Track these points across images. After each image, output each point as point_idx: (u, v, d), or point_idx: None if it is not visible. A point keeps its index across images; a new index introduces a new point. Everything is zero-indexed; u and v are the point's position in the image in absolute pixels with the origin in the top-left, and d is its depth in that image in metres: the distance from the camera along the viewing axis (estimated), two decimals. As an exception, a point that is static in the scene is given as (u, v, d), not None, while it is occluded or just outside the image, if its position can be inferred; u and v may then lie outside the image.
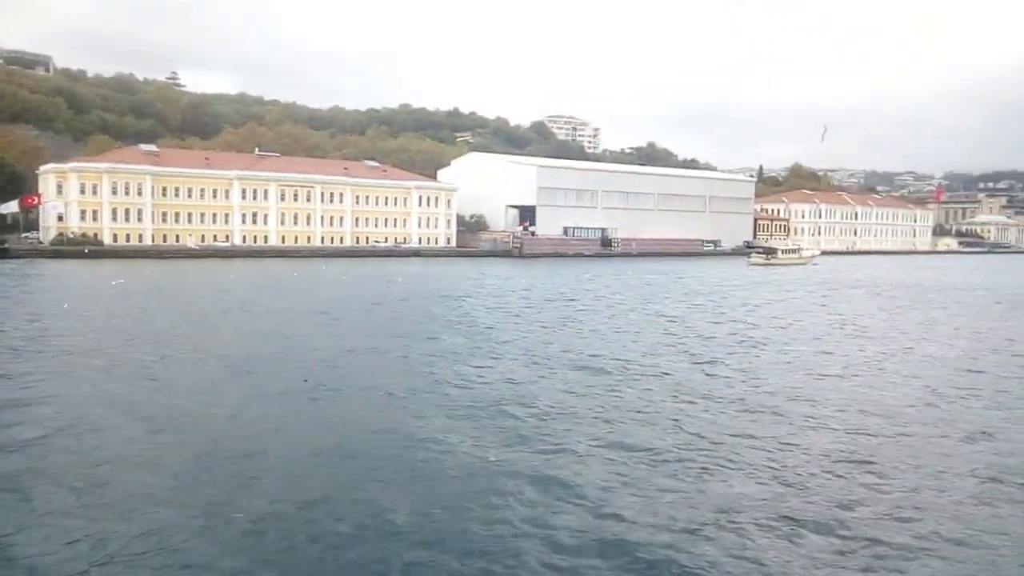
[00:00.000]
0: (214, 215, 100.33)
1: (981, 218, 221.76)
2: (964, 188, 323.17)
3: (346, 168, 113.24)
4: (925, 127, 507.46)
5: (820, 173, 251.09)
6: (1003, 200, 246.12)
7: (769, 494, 12.13)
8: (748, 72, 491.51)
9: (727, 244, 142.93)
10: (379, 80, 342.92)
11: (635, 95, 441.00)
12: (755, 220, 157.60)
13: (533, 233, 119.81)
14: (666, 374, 22.25)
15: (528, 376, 21.45)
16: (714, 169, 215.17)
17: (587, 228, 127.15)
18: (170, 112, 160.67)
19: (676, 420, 16.66)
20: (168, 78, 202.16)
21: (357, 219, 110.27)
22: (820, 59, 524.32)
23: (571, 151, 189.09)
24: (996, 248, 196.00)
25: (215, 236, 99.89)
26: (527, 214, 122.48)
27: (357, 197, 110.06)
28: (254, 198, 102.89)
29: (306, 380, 19.83)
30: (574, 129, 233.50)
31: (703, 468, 13.37)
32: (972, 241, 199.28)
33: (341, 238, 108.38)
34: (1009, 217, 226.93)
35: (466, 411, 17.16)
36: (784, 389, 20.36)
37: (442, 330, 31.63)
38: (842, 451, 14.54)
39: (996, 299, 53.40)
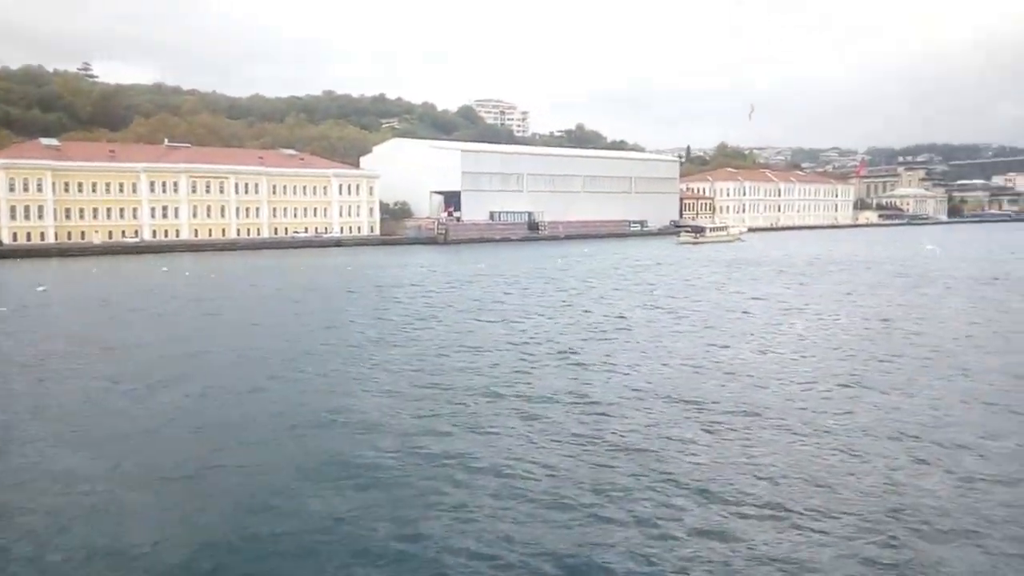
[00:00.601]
0: (121, 210, 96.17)
1: (900, 191, 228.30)
2: (886, 162, 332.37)
3: (261, 157, 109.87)
4: (849, 105, 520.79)
5: (747, 152, 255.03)
6: (921, 173, 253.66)
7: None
8: (680, 55, 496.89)
9: (654, 224, 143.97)
10: (306, 68, 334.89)
11: (566, 77, 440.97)
12: (681, 199, 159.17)
13: (458, 219, 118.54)
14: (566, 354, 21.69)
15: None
16: (643, 150, 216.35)
17: (513, 212, 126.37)
18: (80, 104, 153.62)
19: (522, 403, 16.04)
20: (80, 69, 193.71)
21: (274, 209, 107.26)
22: (749, 42, 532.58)
23: (499, 135, 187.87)
24: (914, 220, 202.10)
25: (123, 232, 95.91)
26: (452, 200, 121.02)
27: (273, 187, 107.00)
28: (163, 191, 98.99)
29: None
30: (502, 113, 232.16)
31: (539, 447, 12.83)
32: (892, 214, 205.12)
33: (258, 229, 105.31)
34: (927, 189, 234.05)
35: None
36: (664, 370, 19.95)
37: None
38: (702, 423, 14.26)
39: (897, 273, 54.51)
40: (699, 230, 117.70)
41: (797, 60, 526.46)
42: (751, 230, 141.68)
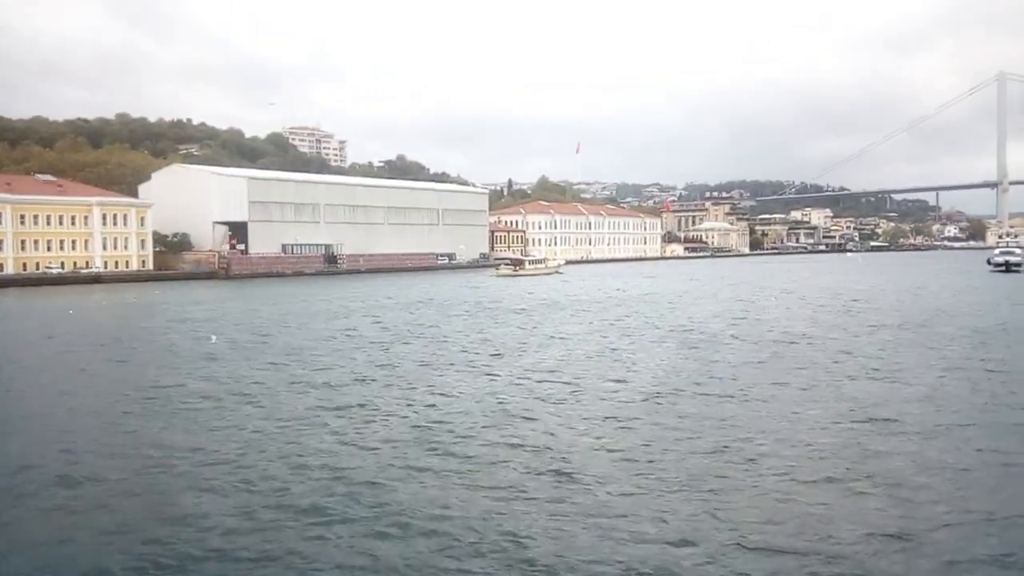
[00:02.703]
0: None
1: (706, 225, 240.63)
2: (701, 197, 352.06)
3: (9, 184, 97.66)
4: (674, 142, 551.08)
5: (568, 185, 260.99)
6: (727, 208, 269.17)
7: None
8: (516, 87, 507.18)
9: (463, 257, 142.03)
10: (108, 89, 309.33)
11: (392, 106, 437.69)
12: (492, 232, 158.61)
13: (243, 251, 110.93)
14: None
15: None
16: (467, 183, 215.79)
17: (310, 245, 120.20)
18: None
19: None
20: None
21: (23, 242, 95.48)
22: (586, 75, 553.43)
23: (311, 165, 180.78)
24: (718, 252, 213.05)
25: None
26: (240, 231, 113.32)
27: (22, 216, 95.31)
28: None
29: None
30: (318, 142, 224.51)
31: None
32: (697, 247, 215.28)
33: (1, 265, 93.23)
34: (731, 223, 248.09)
35: None
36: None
37: None
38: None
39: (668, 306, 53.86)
40: (518, 262, 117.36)
41: (629, 96, 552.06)
42: (570, 262, 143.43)
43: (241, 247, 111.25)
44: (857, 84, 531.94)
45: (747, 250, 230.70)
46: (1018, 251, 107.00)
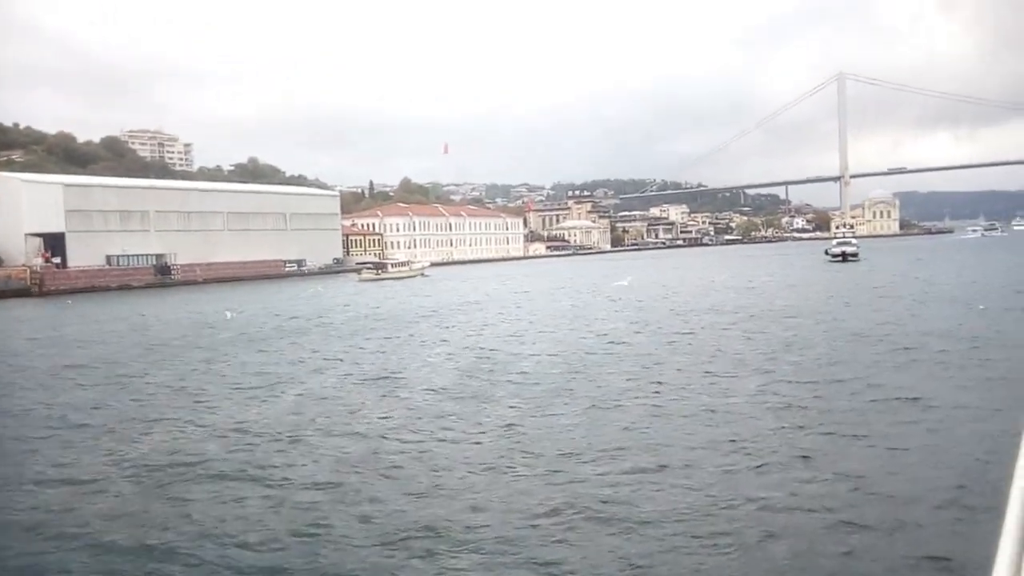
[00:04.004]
0: None
1: (567, 223, 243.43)
2: (567, 197, 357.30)
3: None
4: (542, 142, 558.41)
5: (433, 186, 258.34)
6: (588, 206, 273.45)
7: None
8: (387, 88, 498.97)
9: (314, 263, 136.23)
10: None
11: (245, 108, 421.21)
12: (347, 236, 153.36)
13: (59, 265, 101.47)
14: None
15: None
16: (326, 186, 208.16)
17: (139, 255, 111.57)
18: None
19: None
20: None
21: None
22: (458, 77, 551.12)
23: (150, 170, 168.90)
24: (580, 251, 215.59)
25: None
26: (57, 242, 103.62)
27: None
28: None
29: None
30: (160, 145, 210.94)
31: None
32: (559, 245, 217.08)
33: None
34: (593, 221, 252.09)
35: None
36: None
37: None
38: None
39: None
40: (381, 266, 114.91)
41: (500, 97, 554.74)
42: (435, 264, 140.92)
43: (57, 260, 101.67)
44: (712, 84, 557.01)
45: (608, 247, 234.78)
46: (854, 241, 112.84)
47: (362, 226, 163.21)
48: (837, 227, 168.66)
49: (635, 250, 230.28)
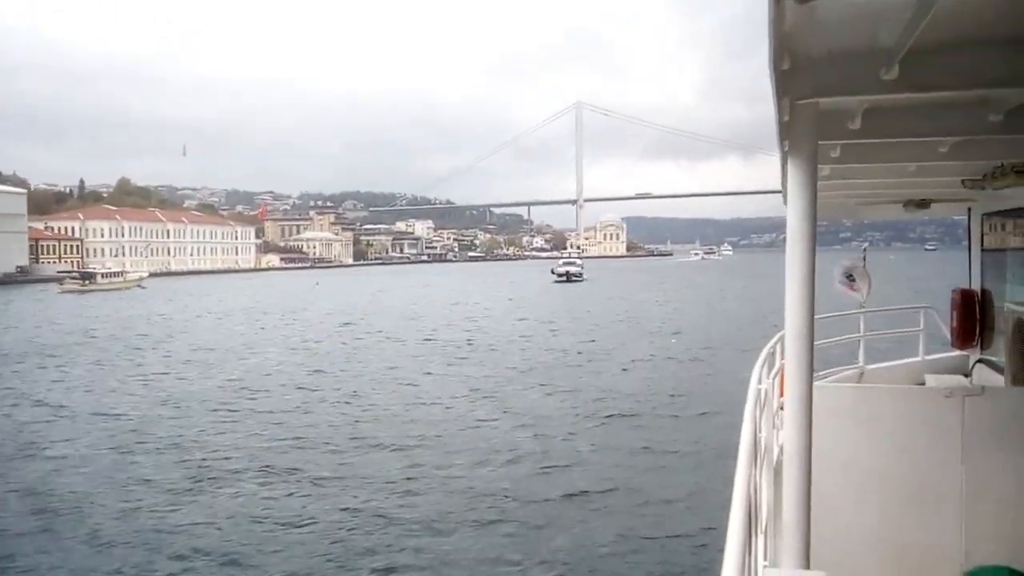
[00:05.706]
0: None
1: (308, 235, 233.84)
2: (314, 207, 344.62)
3: None
4: (290, 147, 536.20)
5: (155, 189, 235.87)
6: (332, 217, 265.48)
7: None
8: (125, 80, 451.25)
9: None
10: None
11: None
12: (37, 241, 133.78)
13: None
14: None
15: None
16: (23, 183, 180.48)
17: None
18: None
19: None
20: None
21: None
22: (204, 72, 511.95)
23: None
24: (319, 263, 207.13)
25: None
26: None
27: None
28: None
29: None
30: None
31: None
32: (297, 257, 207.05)
33: None
34: (336, 234, 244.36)
35: None
36: None
37: None
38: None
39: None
40: (88, 276, 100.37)
41: (243, 97, 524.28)
42: (154, 275, 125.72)
43: None
44: (467, 106, 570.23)
45: (351, 260, 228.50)
46: (579, 262, 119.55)
47: (58, 230, 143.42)
48: (566, 248, 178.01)
49: (379, 264, 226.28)
